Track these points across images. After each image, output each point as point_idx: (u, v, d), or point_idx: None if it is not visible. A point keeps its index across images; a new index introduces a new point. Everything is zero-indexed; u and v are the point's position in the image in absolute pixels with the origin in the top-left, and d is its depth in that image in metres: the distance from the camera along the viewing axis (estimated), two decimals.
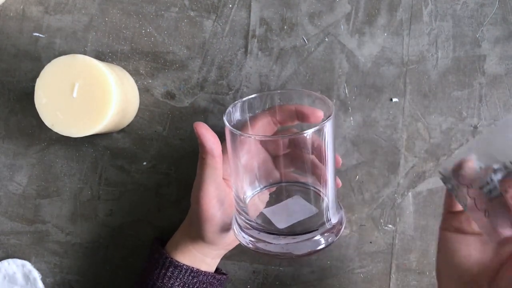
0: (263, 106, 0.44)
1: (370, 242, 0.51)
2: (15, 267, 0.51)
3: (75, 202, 0.51)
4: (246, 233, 0.39)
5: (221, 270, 0.50)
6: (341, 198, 0.51)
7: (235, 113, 0.42)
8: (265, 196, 0.43)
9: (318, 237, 0.38)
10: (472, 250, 0.39)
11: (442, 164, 0.38)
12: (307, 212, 0.39)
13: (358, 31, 0.50)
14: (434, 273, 0.51)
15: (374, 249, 0.51)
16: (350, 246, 0.51)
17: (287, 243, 0.38)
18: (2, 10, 0.50)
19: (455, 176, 0.37)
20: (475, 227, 0.38)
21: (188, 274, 0.44)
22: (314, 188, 0.41)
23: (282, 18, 0.50)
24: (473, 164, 0.36)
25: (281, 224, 0.39)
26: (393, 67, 0.50)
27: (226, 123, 0.39)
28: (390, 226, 0.51)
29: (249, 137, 0.39)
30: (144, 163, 0.51)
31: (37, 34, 0.50)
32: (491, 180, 0.34)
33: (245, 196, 0.41)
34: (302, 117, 0.42)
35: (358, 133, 0.51)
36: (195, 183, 0.43)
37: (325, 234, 0.38)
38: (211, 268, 0.47)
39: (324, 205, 0.40)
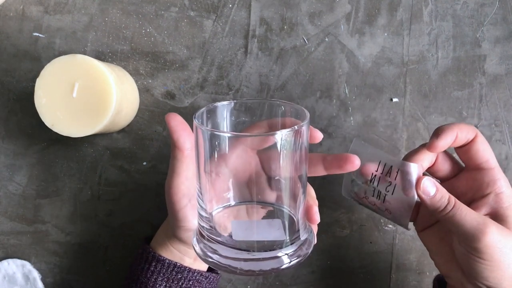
0: (234, 114, 0.42)
1: (370, 242, 0.51)
2: (15, 267, 0.51)
3: (75, 202, 0.51)
4: (205, 245, 0.37)
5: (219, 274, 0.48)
6: (340, 199, 0.51)
7: (209, 117, 0.39)
8: (233, 211, 0.40)
9: (282, 254, 0.36)
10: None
11: (342, 191, 0.46)
12: (272, 235, 0.37)
13: (358, 31, 0.50)
14: (434, 273, 0.51)
15: (374, 249, 0.51)
16: (350, 246, 0.51)
17: (251, 258, 0.35)
18: (2, 10, 0.50)
19: (351, 196, 0.46)
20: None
21: (171, 269, 0.43)
22: (283, 208, 0.38)
23: (282, 18, 0.50)
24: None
25: (238, 237, 0.36)
26: (393, 67, 0.50)
27: (196, 121, 0.36)
28: (390, 226, 0.51)
29: (215, 133, 0.36)
30: (144, 163, 0.51)
31: (37, 34, 0.50)
32: (374, 187, 0.43)
33: (211, 210, 0.38)
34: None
35: (358, 133, 0.51)
36: (167, 177, 0.41)
37: (290, 253, 0.36)
38: (199, 267, 0.45)
39: (291, 223, 0.38)
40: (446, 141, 0.40)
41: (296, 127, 0.35)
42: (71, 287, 0.52)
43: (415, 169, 0.40)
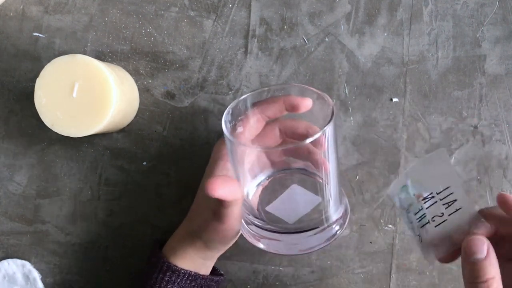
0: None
1: (370, 242, 0.51)
2: (15, 267, 0.51)
3: (75, 202, 0.51)
4: (257, 233, 0.38)
5: (219, 270, 0.49)
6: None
7: (233, 112, 0.41)
8: (267, 188, 0.41)
9: (326, 230, 0.37)
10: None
11: (390, 189, 0.40)
12: (310, 202, 0.37)
13: (358, 31, 0.50)
14: (434, 273, 0.51)
15: (374, 249, 0.51)
16: (350, 246, 0.51)
17: (296, 240, 0.37)
18: (2, 10, 0.50)
19: (393, 198, 0.39)
20: None
21: (186, 278, 0.43)
22: (313, 174, 0.39)
23: (282, 18, 0.50)
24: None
25: (290, 219, 0.37)
26: (393, 67, 0.50)
27: (225, 130, 0.38)
28: (390, 226, 0.51)
29: (248, 147, 0.38)
30: (144, 163, 0.51)
31: (37, 34, 0.50)
32: (421, 208, 0.36)
33: (247, 194, 0.40)
34: (291, 108, 0.41)
35: (358, 133, 0.51)
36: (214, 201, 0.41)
37: (332, 226, 0.37)
38: (209, 270, 0.47)
39: (327, 193, 0.38)
40: None
41: (323, 130, 0.36)
42: (71, 287, 0.52)
43: (475, 217, 0.34)
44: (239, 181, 0.39)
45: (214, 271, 0.48)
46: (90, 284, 0.52)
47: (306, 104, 0.41)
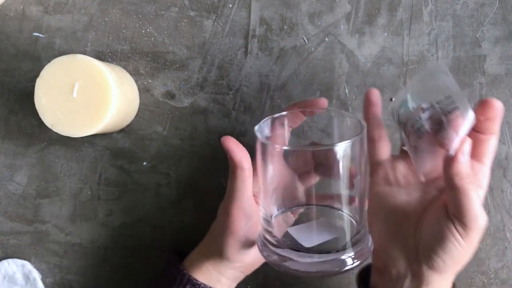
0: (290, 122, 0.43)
1: None
2: (15, 267, 0.51)
3: (75, 202, 0.51)
4: (272, 251, 0.39)
5: None
6: None
7: (264, 128, 0.41)
8: (290, 217, 0.42)
9: (344, 256, 0.37)
10: (398, 201, 0.42)
11: (390, 105, 0.41)
12: (334, 233, 0.38)
13: (358, 31, 0.50)
14: None
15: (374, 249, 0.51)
16: None
17: (314, 261, 0.37)
18: (2, 10, 0.50)
19: (393, 116, 0.40)
20: (399, 176, 0.42)
21: None
22: (341, 210, 0.40)
23: (282, 18, 0.50)
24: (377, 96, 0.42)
25: (307, 243, 0.38)
26: (393, 67, 0.50)
27: (258, 135, 0.38)
28: None
29: (282, 148, 0.39)
30: (144, 163, 0.51)
31: (37, 34, 0.50)
32: (420, 118, 0.36)
33: (271, 214, 0.40)
34: (309, 110, 0.43)
35: None
36: (225, 196, 0.43)
37: (352, 255, 0.37)
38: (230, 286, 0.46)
39: (351, 226, 0.39)
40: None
41: (355, 137, 0.36)
42: (71, 287, 0.52)
43: (472, 121, 0.35)
44: (266, 192, 0.40)
45: None
46: (90, 284, 0.52)
47: (321, 102, 0.42)
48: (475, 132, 0.38)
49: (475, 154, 0.39)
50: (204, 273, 0.44)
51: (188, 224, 0.51)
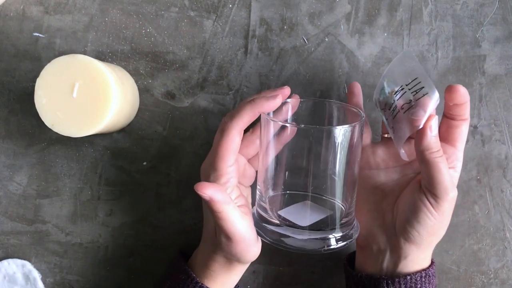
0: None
1: None
2: (15, 267, 0.51)
3: (75, 202, 0.51)
4: (267, 228, 0.41)
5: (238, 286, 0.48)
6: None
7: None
8: (280, 198, 0.43)
9: (331, 236, 0.40)
10: (378, 182, 0.45)
11: (374, 96, 0.45)
12: (322, 213, 0.41)
13: (358, 31, 0.50)
14: None
15: None
16: (351, 246, 0.51)
17: (309, 238, 0.39)
18: (2, 10, 0.50)
19: (376, 105, 0.45)
20: (379, 160, 0.45)
21: None
22: (333, 195, 0.42)
23: (282, 18, 0.50)
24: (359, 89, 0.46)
25: (303, 222, 0.40)
26: None
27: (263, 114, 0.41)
28: None
29: (284, 124, 0.41)
30: (144, 163, 0.51)
31: (37, 34, 0.50)
32: (394, 100, 0.41)
33: (267, 193, 0.42)
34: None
35: None
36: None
37: (339, 236, 0.41)
38: (233, 285, 0.46)
39: (340, 210, 0.42)
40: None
41: (353, 124, 0.39)
42: (71, 287, 0.52)
43: (437, 100, 0.39)
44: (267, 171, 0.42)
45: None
46: (90, 284, 0.52)
47: (284, 91, 0.42)
48: (448, 118, 0.42)
49: (448, 138, 0.42)
50: (220, 280, 0.44)
51: (188, 224, 0.51)
